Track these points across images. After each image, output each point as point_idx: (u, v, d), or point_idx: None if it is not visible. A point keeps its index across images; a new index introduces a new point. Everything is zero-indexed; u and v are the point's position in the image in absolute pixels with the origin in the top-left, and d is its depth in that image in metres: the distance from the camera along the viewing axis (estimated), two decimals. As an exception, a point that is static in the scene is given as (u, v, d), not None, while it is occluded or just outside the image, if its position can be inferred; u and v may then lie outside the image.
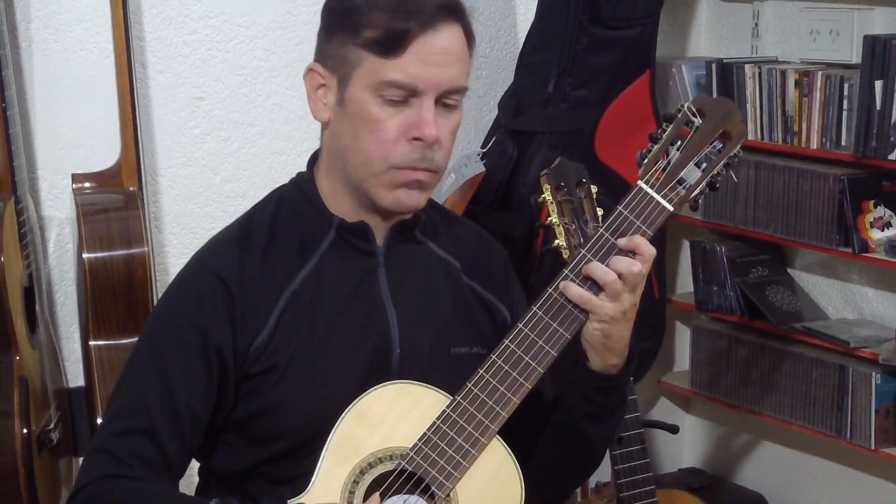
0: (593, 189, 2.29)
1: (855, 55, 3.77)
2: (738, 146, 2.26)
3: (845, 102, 3.74)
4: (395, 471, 2.16)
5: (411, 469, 2.15)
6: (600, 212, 2.27)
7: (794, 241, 3.93)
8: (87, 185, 3.56)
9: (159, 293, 3.16)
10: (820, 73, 3.80)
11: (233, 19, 3.85)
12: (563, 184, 2.27)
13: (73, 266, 3.67)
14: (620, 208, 2.20)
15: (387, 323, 2.27)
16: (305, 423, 2.21)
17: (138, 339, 2.32)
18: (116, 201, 3.51)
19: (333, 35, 2.25)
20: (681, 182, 2.22)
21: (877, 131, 3.62)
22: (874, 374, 3.75)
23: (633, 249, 2.19)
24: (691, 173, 2.23)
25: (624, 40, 3.88)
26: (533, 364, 2.18)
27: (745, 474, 4.45)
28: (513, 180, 3.88)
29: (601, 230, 2.20)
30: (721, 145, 2.24)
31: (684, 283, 4.44)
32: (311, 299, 2.25)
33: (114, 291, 3.39)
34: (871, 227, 3.74)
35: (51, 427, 3.42)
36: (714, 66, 4.07)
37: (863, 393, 3.78)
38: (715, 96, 3.98)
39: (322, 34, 2.29)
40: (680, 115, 2.24)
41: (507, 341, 2.19)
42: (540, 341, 2.18)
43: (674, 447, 4.59)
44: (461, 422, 2.16)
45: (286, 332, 2.23)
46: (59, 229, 3.70)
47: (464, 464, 2.16)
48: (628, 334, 2.23)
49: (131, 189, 3.54)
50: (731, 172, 2.28)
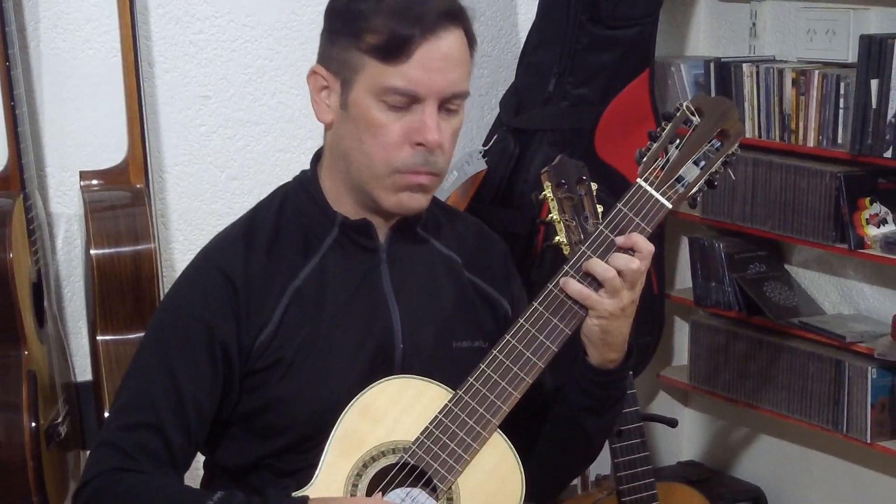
0: (593, 186, 2.30)
1: (851, 54, 3.76)
2: (736, 144, 2.27)
3: (842, 101, 3.72)
4: (397, 464, 2.17)
5: (414, 462, 2.16)
6: (600, 209, 2.28)
7: (791, 238, 3.92)
8: (94, 182, 3.56)
9: (166, 289, 3.20)
10: (817, 72, 3.79)
11: (238, 19, 3.85)
12: (563, 181, 2.27)
13: (80, 262, 3.68)
14: (620, 205, 2.21)
15: (390, 319, 2.28)
16: (310, 417, 2.22)
17: (144, 334, 2.32)
18: (123, 198, 3.51)
19: (337, 39, 2.24)
20: (679, 180, 2.23)
21: (872, 129, 3.61)
22: (870, 368, 3.75)
23: (631, 247, 2.19)
24: (690, 171, 2.23)
25: (623, 40, 3.88)
26: (533, 359, 2.19)
27: (742, 467, 4.45)
28: (514, 178, 3.89)
29: (601, 227, 2.20)
30: (719, 143, 2.25)
31: (683, 279, 4.43)
32: (315, 296, 2.26)
33: (121, 287, 3.39)
34: (867, 223, 3.74)
35: (59, 420, 3.42)
36: (712, 65, 4.06)
37: (859, 387, 3.78)
38: (713, 95, 3.96)
39: (325, 37, 2.28)
40: (679, 114, 2.24)
41: (508, 336, 2.20)
42: (540, 336, 2.19)
43: (673, 440, 4.58)
44: (463, 416, 2.17)
45: (291, 327, 2.24)
46: (67, 226, 3.71)
47: (465, 457, 2.16)
48: (627, 330, 2.24)
49: (138, 186, 3.54)
50: (729, 170, 2.29)
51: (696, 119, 2.24)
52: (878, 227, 3.75)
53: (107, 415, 3.07)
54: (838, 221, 3.76)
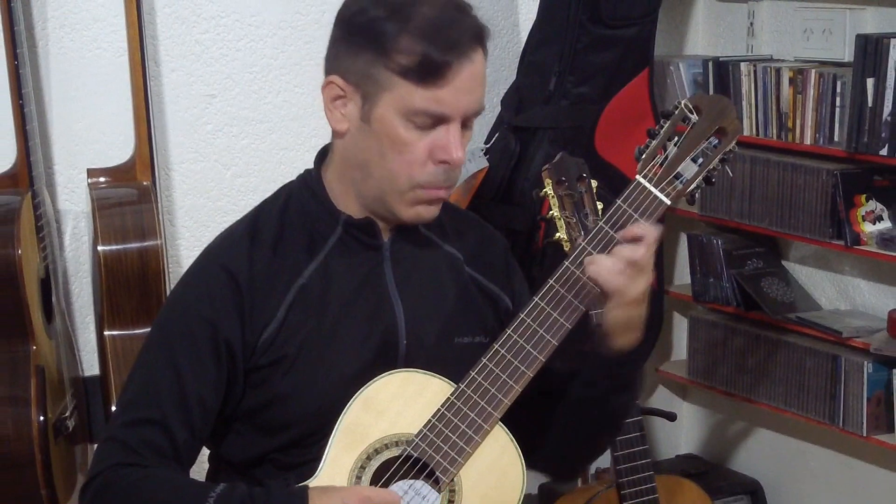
0: (593, 184, 2.32)
1: (847, 54, 3.76)
2: (734, 142, 2.26)
3: (838, 99, 3.73)
4: (400, 457, 2.17)
5: (416, 455, 2.17)
6: (600, 206, 2.30)
7: (788, 234, 3.93)
8: (101, 179, 3.57)
9: (172, 285, 3.17)
10: (813, 71, 3.80)
11: (244, 18, 3.86)
12: (563, 178, 2.30)
13: (88, 258, 3.67)
14: (619, 202, 2.20)
15: (393, 315, 2.28)
16: (313, 412, 2.22)
17: (150, 331, 2.33)
18: (130, 195, 3.51)
19: (357, 51, 2.20)
20: (678, 177, 2.23)
21: (868, 127, 3.62)
22: (866, 363, 3.76)
23: (634, 238, 2.19)
24: (688, 168, 2.23)
25: (623, 39, 3.89)
26: (534, 353, 2.19)
27: (740, 460, 4.45)
28: (515, 175, 3.90)
29: (601, 223, 2.20)
30: (717, 141, 2.25)
31: (682, 275, 4.43)
32: (319, 293, 2.26)
33: (128, 283, 3.39)
34: (863, 220, 3.74)
35: (67, 415, 3.43)
36: (710, 64, 4.07)
37: (855, 381, 3.78)
38: (711, 94, 3.95)
39: (340, 46, 2.24)
40: (677, 112, 2.24)
41: (509, 331, 2.20)
42: (541, 331, 2.19)
43: (671, 434, 4.59)
44: (465, 409, 2.17)
45: (295, 324, 2.24)
46: (75, 223, 3.72)
47: (467, 450, 2.17)
48: (645, 312, 2.24)
49: (145, 183, 3.55)
50: (726, 167, 2.29)
51: (694, 117, 2.24)
52: (874, 223, 3.75)
53: (113, 408, 3.08)
54: (835, 218, 3.76)
